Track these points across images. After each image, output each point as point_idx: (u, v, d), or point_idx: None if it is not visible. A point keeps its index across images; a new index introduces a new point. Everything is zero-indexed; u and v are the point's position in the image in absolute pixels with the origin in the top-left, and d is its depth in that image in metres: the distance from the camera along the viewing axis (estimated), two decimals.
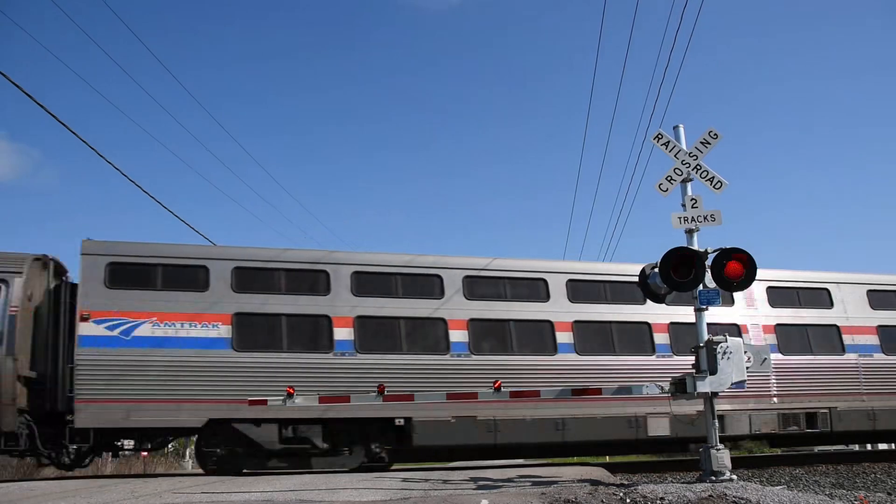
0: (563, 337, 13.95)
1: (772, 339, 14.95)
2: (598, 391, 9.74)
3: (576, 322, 14.10)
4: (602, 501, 6.98)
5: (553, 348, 13.89)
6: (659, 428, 13.90)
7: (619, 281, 14.58)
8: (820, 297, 15.94)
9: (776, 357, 13.61)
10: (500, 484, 8.45)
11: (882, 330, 15.88)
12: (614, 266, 15.54)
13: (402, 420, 12.90)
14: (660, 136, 9.40)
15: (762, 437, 15.57)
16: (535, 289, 14.30)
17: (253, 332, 12.74)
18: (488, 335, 13.79)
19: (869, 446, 26.41)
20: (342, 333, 12.97)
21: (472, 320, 13.62)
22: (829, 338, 15.50)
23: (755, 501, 6.89)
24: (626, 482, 9.13)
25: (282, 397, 8.86)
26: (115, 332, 12.08)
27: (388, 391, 8.94)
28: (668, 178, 9.25)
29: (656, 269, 8.90)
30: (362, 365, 12.82)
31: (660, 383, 8.66)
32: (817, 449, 24.83)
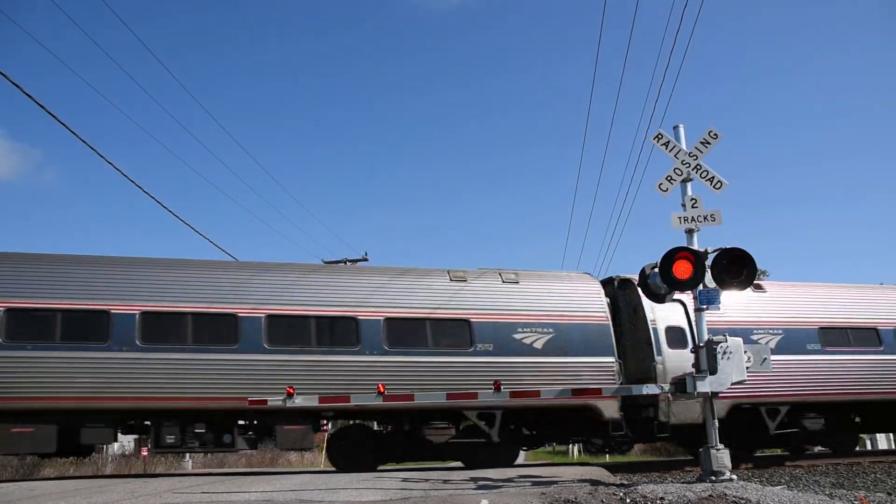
0: None
1: None
2: (598, 391, 9.75)
3: None
4: (602, 501, 6.98)
5: None
6: None
7: None
8: None
9: None
10: (500, 484, 8.45)
11: None
12: None
13: None
14: (660, 136, 9.40)
15: None
16: None
17: None
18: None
19: (869, 446, 26.44)
20: None
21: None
22: None
23: (755, 501, 6.88)
24: (626, 482, 9.12)
25: (282, 397, 8.85)
26: None
27: None
28: (668, 178, 9.25)
29: (656, 269, 8.90)
30: None
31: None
32: (817, 449, 24.83)
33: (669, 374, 12.90)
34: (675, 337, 13.97)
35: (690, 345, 13.37)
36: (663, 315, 14.08)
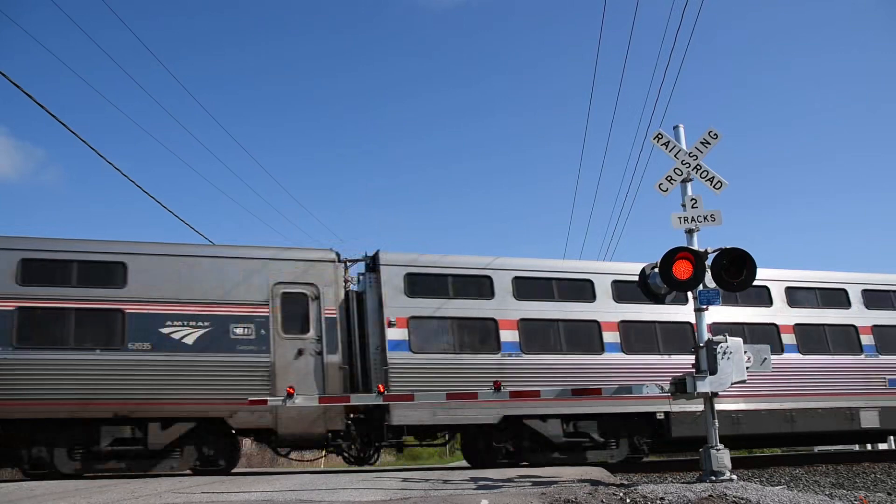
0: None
1: None
2: (598, 391, 9.75)
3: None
4: (602, 501, 6.98)
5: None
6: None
7: None
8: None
9: None
10: (500, 484, 8.45)
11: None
12: None
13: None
14: (660, 136, 9.40)
15: None
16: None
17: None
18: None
19: (869, 446, 26.40)
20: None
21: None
22: None
23: (755, 501, 6.89)
24: (626, 482, 9.13)
25: (282, 397, 8.87)
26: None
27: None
28: (668, 178, 9.25)
29: (656, 269, 8.91)
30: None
31: (659, 383, 8.68)
32: (817, 449, 24.85)
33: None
34: None
35: None
36: None
